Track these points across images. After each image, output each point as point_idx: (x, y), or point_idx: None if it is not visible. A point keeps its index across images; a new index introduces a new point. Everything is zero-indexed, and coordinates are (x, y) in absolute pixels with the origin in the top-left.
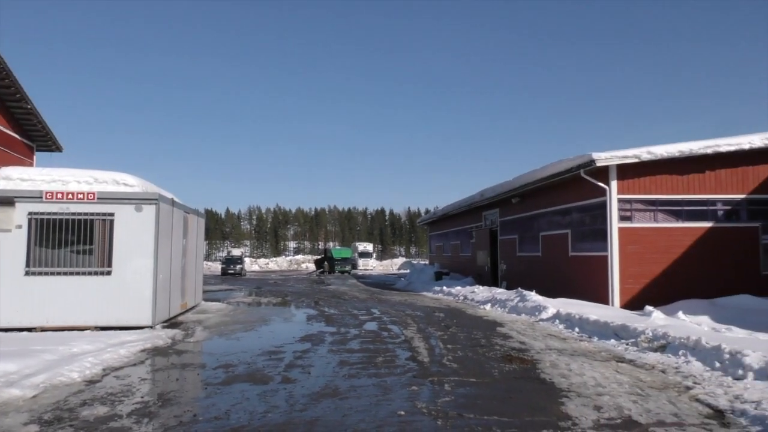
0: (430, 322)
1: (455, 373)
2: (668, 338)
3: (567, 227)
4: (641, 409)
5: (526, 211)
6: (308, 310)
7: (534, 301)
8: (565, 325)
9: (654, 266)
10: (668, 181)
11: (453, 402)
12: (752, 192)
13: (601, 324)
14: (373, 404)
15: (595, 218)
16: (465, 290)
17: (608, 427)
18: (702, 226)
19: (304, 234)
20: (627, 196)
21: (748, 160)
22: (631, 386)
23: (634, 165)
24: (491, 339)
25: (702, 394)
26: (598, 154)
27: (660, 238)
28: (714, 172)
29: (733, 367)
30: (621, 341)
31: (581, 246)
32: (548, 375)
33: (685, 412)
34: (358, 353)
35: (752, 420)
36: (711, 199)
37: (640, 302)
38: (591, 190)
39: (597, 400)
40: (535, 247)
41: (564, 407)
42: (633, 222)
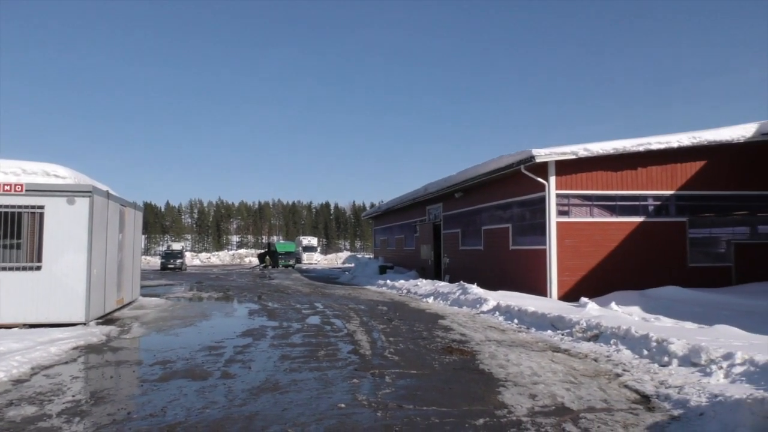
0: (373, 316)
1: (396, 365)
2: (601, 328)
3: (508, 221)
4: (573, 396)
5: (468, 205)
6: (250, 304)
7: (475, 294)
8: (505, 317)
9: (590, 259)
10: (603, 177)
11: (393, 393)
12: (680, 188)
13: (538, 315)
14: (314, 397)
15: (534, 213)
16: (408, 284)
17: (542, 414)
18: (634, 220)
19: (248, 228)
20: (565, 192)
21: (677, 158)
22: (565, 375)
23: (572, 161)
24: (433, 331)
25: (630, 380)
26: (537, 150)
27: (595, 232)
28: (646, 169)
29: (660, 354)
30: (557, 332)
31: (521, 240)
32: (487, 366)
33: (614, 398)
34: (300, 347)
35: (675, 404)
36: (643, 194)
37: (576, 294)
38: (531, 186)
39: (532, 388)
40: (477, 240)
41: (501, 396)
42: (570, 216)
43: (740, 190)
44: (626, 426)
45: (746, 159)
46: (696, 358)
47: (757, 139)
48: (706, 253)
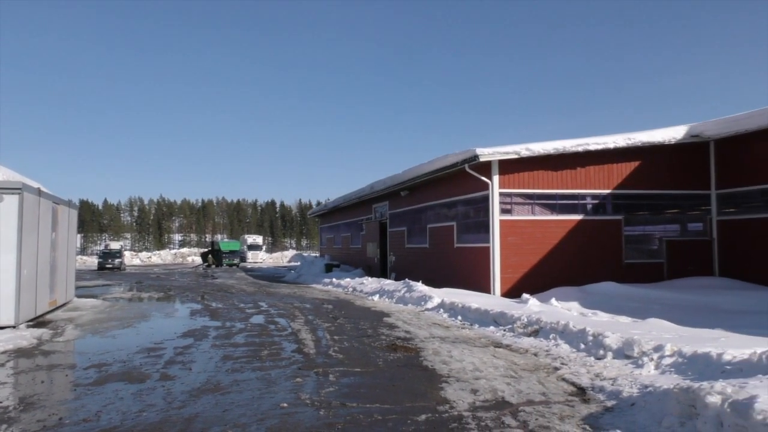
0: (319, 314)
1: (341, 363)
2: (541, 323)
3: (453, 219)
4: (514, 390)
5: (414, 203)
6: (192, 304)
7: (420, 292)
8: (449, 314)
9: (531, 256)
10: (544, 176)
11: (337, 392)
12: (616, 187)
13: (481, 312)
14: (256, 398)
15: (478, 211)
16: (354, 282)
17: (482, 408)
18: (573, 218)
19: (191, 226)
20: (507, 190)
21: (614, 158)
22: (506, 369)
23: (514, 161)
24: (378, 329)
25: (568, 373)
26: (481, 149)
27: (537, 230)
28: (584, 168)
29: (596, 348)
30: (499, 327)
31: (466, 237)
32: (430, 362)
33: (552, 390)
34: (242, 347)
35: (608, 395)
36: (581, 193)
37: (518, 290)
38: (475, 184)
39: (474, 383)
40: (422, 239)
41: (443, 392)
42: (513, 215)
43: (672, 189)
44: (563, 418)
45: (677, 160)
46: (629, 351)
47: (686, 140)
48: (640, 249)
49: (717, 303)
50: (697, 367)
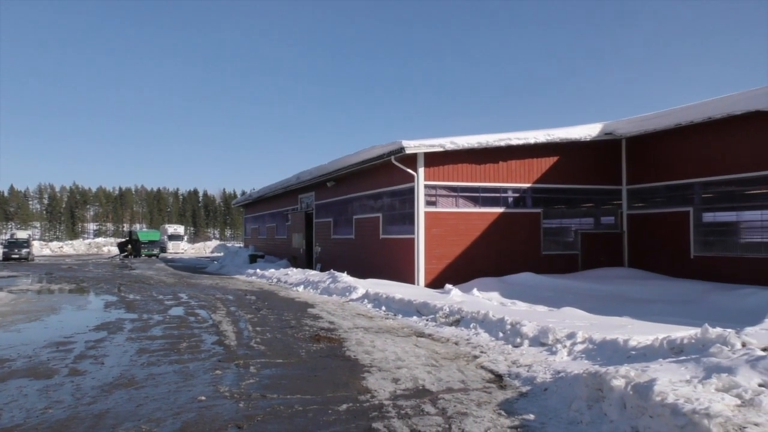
0: (241, 305)
1: (262, 355)
2: (462, 313)
3: (379, 211)
4: (434, 378)
5: (341, 194)
6: (107, 296)
7: (345, 282)
8: (373, 305)
9: (455, 248)
10: (468, 169)
11: (257, 383)
12: (536, 181)
13: (405, 302)
14: (172, 391)
15: (404, 203)
16: (279, 273)
17: (403, 397)
18: (495, 211)
19: (107, 215)
20: (433, 183)
21: (534, 153)
22: (428, 358)
23: (440, 154)
24: (301, 320)
25: (486, 361)
26: (407, 142)
27: (460, 222)
28: (506, 162)
29: (514, 336)
30: (422, 317)
31: (391, 229)
32: (353, 352)
33: (471, 378)
34: (160, 340)
35: (524, 381)
36: (503, 187)
37: (442, 281)
38: (401, 176)
39: (396, 373)
40: (349, 229)
41: (365, 382)
42: (437, 207)
43: (587, 184)
44: (480, 404)
45: (593, 156)
46: (544, 339)
47: (601, 138)
48: (557, 241)
49: (625, 292)
50: (605, 352)
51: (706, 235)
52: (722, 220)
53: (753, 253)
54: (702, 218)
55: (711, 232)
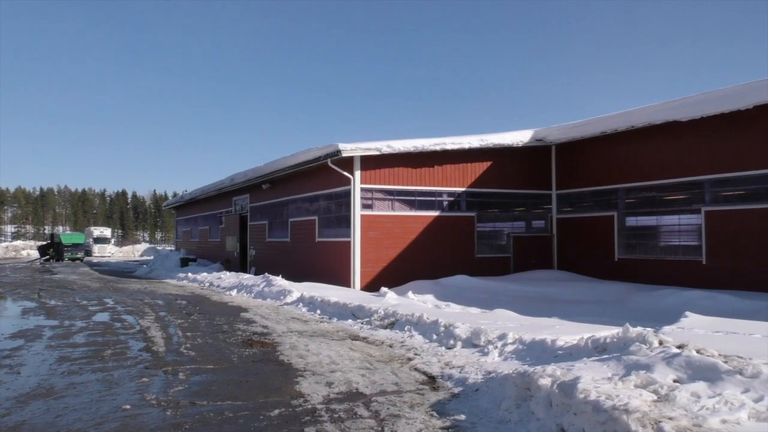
0: (171, 310)
1: (192, 360)
2: (397, 316)
3: (315, 214)
4: (368, 381)
5: (276, 197)
6: (25, 302)
7: (280, 286)
8: (308, 308)
9: (390, 251)
10: (404, 173)
11: (186, 390)
12: (470, 185)
13: (340, 305)
14: (95, 401)
15: (340, 206)
16: (212, 276)
17: (336, 401)
18: (431, 214)
19: (26, 217)
20: (369, 186)
21: (468, 158)
22: (362, 361)
23: (376, 157)
24: (234, 324)
25: (420, 363)
26: (344, 144)
27: (396, 225)
28: (442, 167)
29: (447, 338)
30: (357, 321)
31: (327, 232)
32: (287, 356)
33: (405, 380)
34: (82, 347)
35: (456, 382)
36: (439, 190)
37: (377, 284)
38: (337, 179)
39: (330, 376)
40: (284, 233)
41: (298, 386)
42: (374, 210)
43: (519, 188)
44: (413, 406)
45: (524, 161)
46: (477, 340)
47: (532, 144)
48: (490, 245)
49: (555, 294)
50: (534, 352)
51: (629, 238)
52: (644, 225)
53: (671, 256)
54: (625, 222)
55: (633, 235)
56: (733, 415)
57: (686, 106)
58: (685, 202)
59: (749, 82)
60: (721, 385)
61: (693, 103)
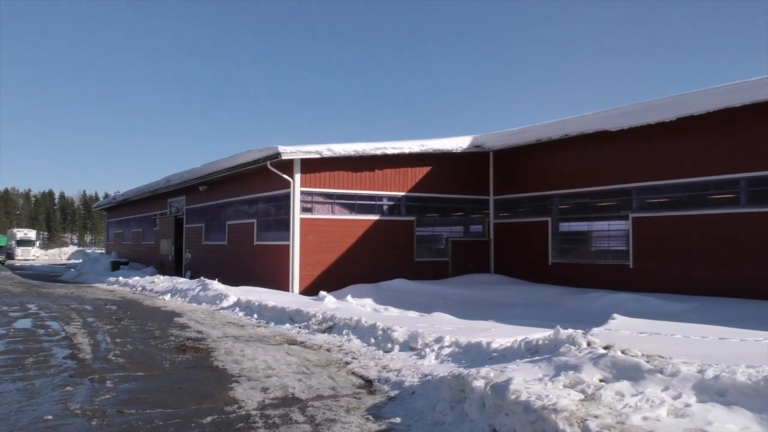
0: (100, 316)
1: (121, 368)
2: (336, 320)
3: (253, 217)
4: (304, 386)
5: (213, 199)
6: None
7: (216, 290)
8: (245, 313)
9: (330, 254)
10: (345, 176)
11: (114, 399)
12: (410, 190)
13: (278, 310)
14: (14, 411)
15: (279, 209)
16: (144, 280)
17: (272, 406)
18: (371, 218)
19: None
20: (309, 189)
21: (409, 163)
22: (299, 366)
23: (316, 160)
24: (167, 330)
25: (358, 367)
26: (284, 147)
27: (336, 228)
28: (382, 171)
29: (385, 341)
30: (295, 325)
31: (266, 235)
32: (222, 362)
33: (342, 384)
34: (0, 356)
35: (393, 386)
36: (379, 195)
37: (316, 288)
38: (277, 182)
39: (265, 382)
40: (221, 235)
41: (233, 392)
42: (313, 213)
43: (458, 194)
44: (349, 410)
45: (464, 167)
46: (414, 344)
47: (471, 150)
48: (429, 249)
49: (491, 297)
50: (470, 355)
51: (562, 243)
52: (576, 230)
53: (601, 260)
54: (559, 228)
55: (566, 240)
56: (653, 412)
57: (616, 116)
58: (614, 208)
59: (673, 96)
60: (643, 383)
61: (622, 113)
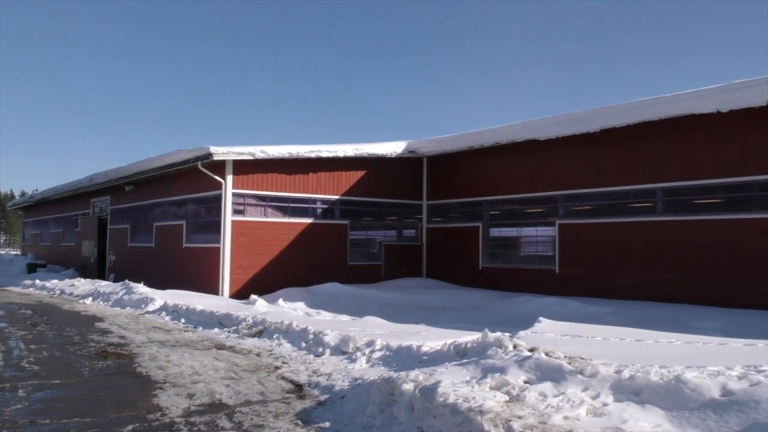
0: (13, 321)
1: (36, 375)
2: (266, 324)
3: (183, 218)
4: (232, 391)
5: (141, 200)
6: None
7: (141, 294)
8: (172, 317)
9: (262, 258)
10: (278, 179)
11: (27, 408)
12: (344, 194)
13: (206, 314)
14: None
15: (210, 210)
16: (64, 284)
17: (197, 413)
18: (304, 221)
19: None
20: (241, 191)
21: (343, 166)
22: (227, 371)
23: (249, 162)
24: (87, 335)
25: (288, 372)
26: (216, 148)
27: (269, 231)
28: (316, 174)
29: (316, 345)
30: (224, 329)
31: (196, 237)
32: (145, 368)
33: (271, 389)
34: None
35: (323, 390)
36: (313, 198)
37: (248, 292)
38: (208, 183)
39: (191, 388)
40: (148, 237)
41: (156, 399)
42: (246, 216)
43: (392, 198)
44: (277, 415)
45: (398, 172)
46: (345, 347)
47: (405, 155)
48: (362, 252)
49: (423, 301)
50: (400, 358)
51: (492, 248)
52: (506, 235)
53: (529, 265)
54: (489, 233)
55: (496, 245)
56: (573, 412)
57: (544, 126)
58: (542, 215)
59: (598, 108)
60: (565, 384)
61: (550, 123)
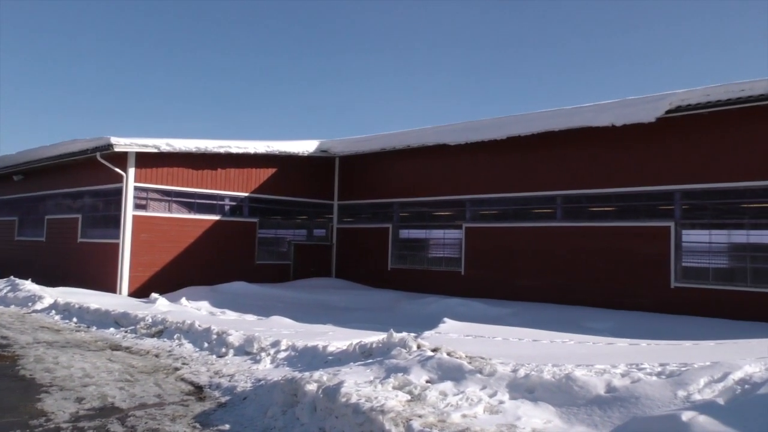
0: None
1: None
2: (166, 323)
3: (78, 212)
4: (126, 394)
5: (30, 191)
6: None
7: (29, 291)
8: (63, 316)
9: (165, 255)
10: (185, 174)
11: None
12: (254, 191)
13: (102, 313)
14: None
15: (109, 204)
16: None
17: (87, 418)
18: (211, 218)
19: None
20: (144, 185)
21: (253, 163)
22: (122, 373)
23: (154, 155)
24: None
25: (188, 373)
26: (117, 138)
27: (172, 228)
28: (225, 170)
29: (219, 346)
30: (121, 329)
31: (93, 232)
32: (30, 371)
33: (169, 392)
34: None
35: (224, 391)
36: (220, 194)
37: (149, 290)
38: (107, 175)
39: (81, 391)
40: (39, 231)
41: (41, 404)
42: (148, 211)
43: (303, 197)
44: (174, 418)
45: (310, 171)
46: (249, 348)
47: (317, 154)
48: (271, 251)
49: (331, 301)
50: (306, 359)
51: (401, 249)
52: (415, 237)
53: (437, 267)
54: (399, 235)
55: (405, 247)
56: (472, 410)
57: (454, 131)
58: (450, 218)
59: (506, 116)
60: (464, 383)
61: (460, 129)
